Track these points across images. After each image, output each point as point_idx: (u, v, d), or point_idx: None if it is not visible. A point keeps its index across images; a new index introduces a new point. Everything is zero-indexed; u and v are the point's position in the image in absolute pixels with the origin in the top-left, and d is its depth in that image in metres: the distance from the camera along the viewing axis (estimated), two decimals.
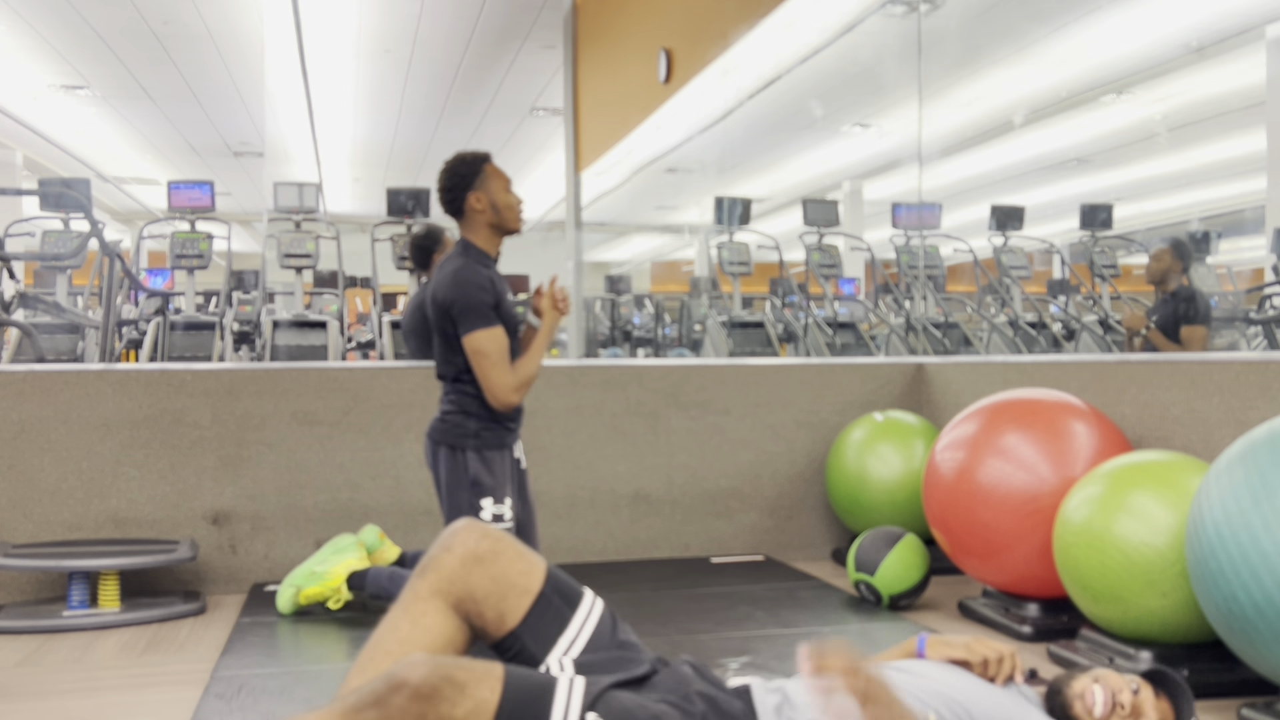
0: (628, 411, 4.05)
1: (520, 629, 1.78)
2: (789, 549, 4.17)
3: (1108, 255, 7.68)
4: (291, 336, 6.68)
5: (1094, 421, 3.04)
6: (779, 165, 12.34)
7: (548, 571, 1.84)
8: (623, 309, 11.96)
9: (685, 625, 3.06)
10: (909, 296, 8.12)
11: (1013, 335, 7.36)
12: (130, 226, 16.27)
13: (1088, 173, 11.77)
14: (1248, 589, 2.09)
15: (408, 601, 1.82)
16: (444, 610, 1.79)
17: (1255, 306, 6.83)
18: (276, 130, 12.07)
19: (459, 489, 2.83)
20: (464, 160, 2.89)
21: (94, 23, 9.01)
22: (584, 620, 1.83)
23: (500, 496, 2.83)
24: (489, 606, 1.78)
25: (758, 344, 7.30)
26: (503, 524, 2.82)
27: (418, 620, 1.78)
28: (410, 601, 1.81)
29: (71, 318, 6.40)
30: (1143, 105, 9.75)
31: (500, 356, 2.80)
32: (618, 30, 8.92)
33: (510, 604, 1.78)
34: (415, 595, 1.81)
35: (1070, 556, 2.64)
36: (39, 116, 11.96)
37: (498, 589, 1.78)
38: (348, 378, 3.81)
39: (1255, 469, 2.16)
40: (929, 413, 4.23)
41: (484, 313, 2.78)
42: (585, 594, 1.89)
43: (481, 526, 1.86)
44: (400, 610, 1.82)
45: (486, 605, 1.78)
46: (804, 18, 7.19)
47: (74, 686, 2.61)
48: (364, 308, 13.37)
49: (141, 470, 3.59)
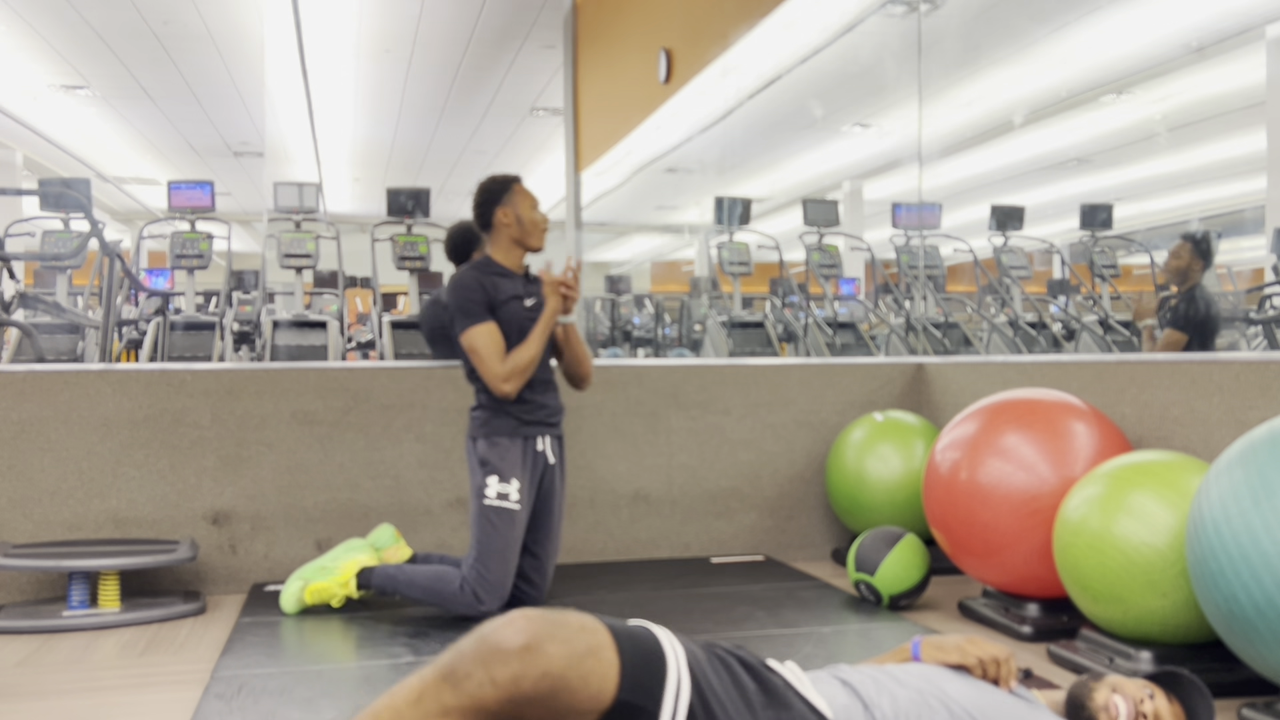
0: (628, 411, 4.05)
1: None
2: (789, 549, 4.17)
3: (1108, 255, 7.68)
4: (291, 336, 6.69)
5: (1094, 421, 3.04)
6: (779, 165, 12.34)
7: (620, 677, 1.44)
8: (623, 309, 11.97)
9: (685, 625, 3.06)
10: (909, 296, 8.12)
11: (1013, 335, 7.36)
12: (130, 226, 16.28)
13: (1088, 173, 11.78)
14: (1248, 589, 2.09)
15: (430, 713, 1.42)
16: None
17: (1255, 306, 6.83)
18: (276, 130, 12.08)
19: (472, 473, 3.09)
20: (496, 180, 3.19)
21: (94, 23, 9.01)
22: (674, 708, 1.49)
23: (506, 476, 3.03)
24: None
25: (758, 344, 7.30)
26: (508, 503, 3.01)
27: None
28: (434, 715, 1.42)
29: (71, 318, 6.40)
30: (1143, 105, 9.75)
31: (490, 351, 3.03)
32: (618, 30, 8.92)
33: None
34: (441, 710, 1.42)
35: (1070, 556, 2.64)
36: (39, 116, 11.96)
37: (556, 716, 1.42)
38: (348, 378, 3.81)
39: (1255, 469, 2.16)
40: (929, 413, 4.23)
41: (471, 310, 3.05)
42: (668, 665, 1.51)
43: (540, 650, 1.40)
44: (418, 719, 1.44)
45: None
46: (804, 18, 7.19)
47: (74, 686, 2.61)
48: (364, 308, 13.38)
49: (141, 470, 3.59)
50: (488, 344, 3.04)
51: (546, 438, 3.17)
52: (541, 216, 3.19)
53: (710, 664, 1.57)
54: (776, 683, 1.63)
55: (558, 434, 3.24)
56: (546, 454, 3.17)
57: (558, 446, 3.24)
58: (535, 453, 3.13)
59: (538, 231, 3.17)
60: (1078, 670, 2.61)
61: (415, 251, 7.22)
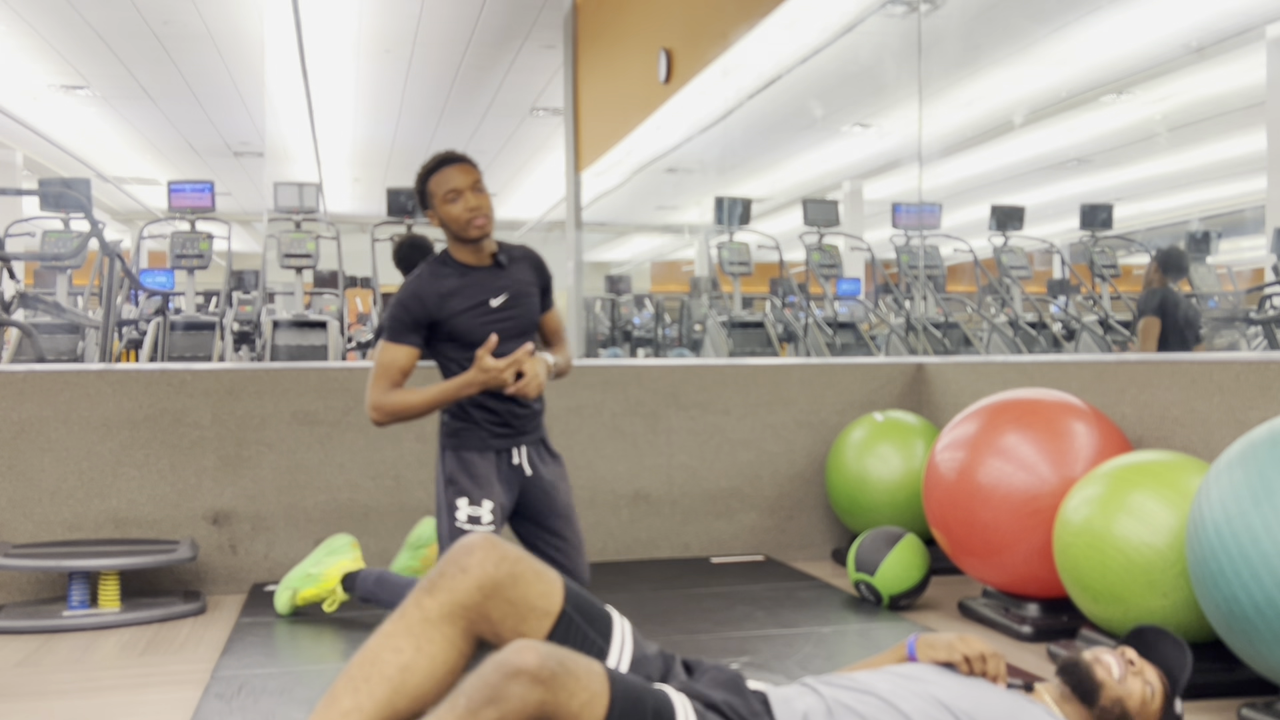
0: (628, 411, 4.05)
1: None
2: (789, 549, 4.17)
3: (1108, 255, 7.68)
4: (291, 336, 6.69)
5: (1094, 421, 3.04)
6: (779, 165, 12.34)
7: (565, 591, 1.74)
8: (623, 309, 11.97)
9: (685, 625, 3.06)
10: (909, 296, 8.12)
11: (1013, 335, 7.36)
12: (130, 226, 16.28)
13: (1088, 173, 11.78)
14: (1248, 589, 2.09)
15: (413, 622, 1.68)
16: (454, 636, 1.69)
17: (1255, 306, 6.83)
18: (276, 130, 12.08)
19: (438, 486, 2.80)
20: (417, 177, 2.76)
21: (94, 23, 9.01)
22: (622, 643, 1.76)
23: (477, 498, 2.72)
24: (506, 629, 1.69)
25: (758, 344, 7.30)
26: (481, 526, 2.72)
27: (423, 646, 1.67)
28: (417, 623, 1.68)
29: (71, 318, 6.40)
30: (1143, 105, 9.75)
31: (380, 370, 2.69)
32: (618, 30, 8.92)
33: (529, 626, 1.69)
34: (424, 616, 1.68)
35: (1070, 556, 2.64)
36: (39, 116, 11.96)
37: (515, 612, 1.69)
38: (348, 378, 3.81)
39: (1255, 469, 2.16)
40: (929, 413, 4.23)
41: (391, 326, 2.72)
42: (612, 614, 1.80)
43: (499, 546, 1.71)
44: (404, 630, 1.68)
45: (504, 628, 1.69)
46: (804, 18, 7.20)
47: (74, 686, 2.61)
48: (364, 308, 13.37)
49: (141, 470, 3.59)
50: (384, 365, 2.69)
51: (523, 448, 2.83)
52: (459, 209, 2.67)
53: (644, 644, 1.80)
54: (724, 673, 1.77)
55: (536, 439, 2.88)
56: (524, 467, 2.83)
57: (539, 452, 2.88)
58: (511, 467, 2.81)
59: (459, 224, 2.67)
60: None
61: None
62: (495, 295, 2.75)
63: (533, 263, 2.87)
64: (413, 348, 2.71)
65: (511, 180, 14.98)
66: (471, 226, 2.68)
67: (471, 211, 2.67)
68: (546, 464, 2.90)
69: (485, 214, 2.69)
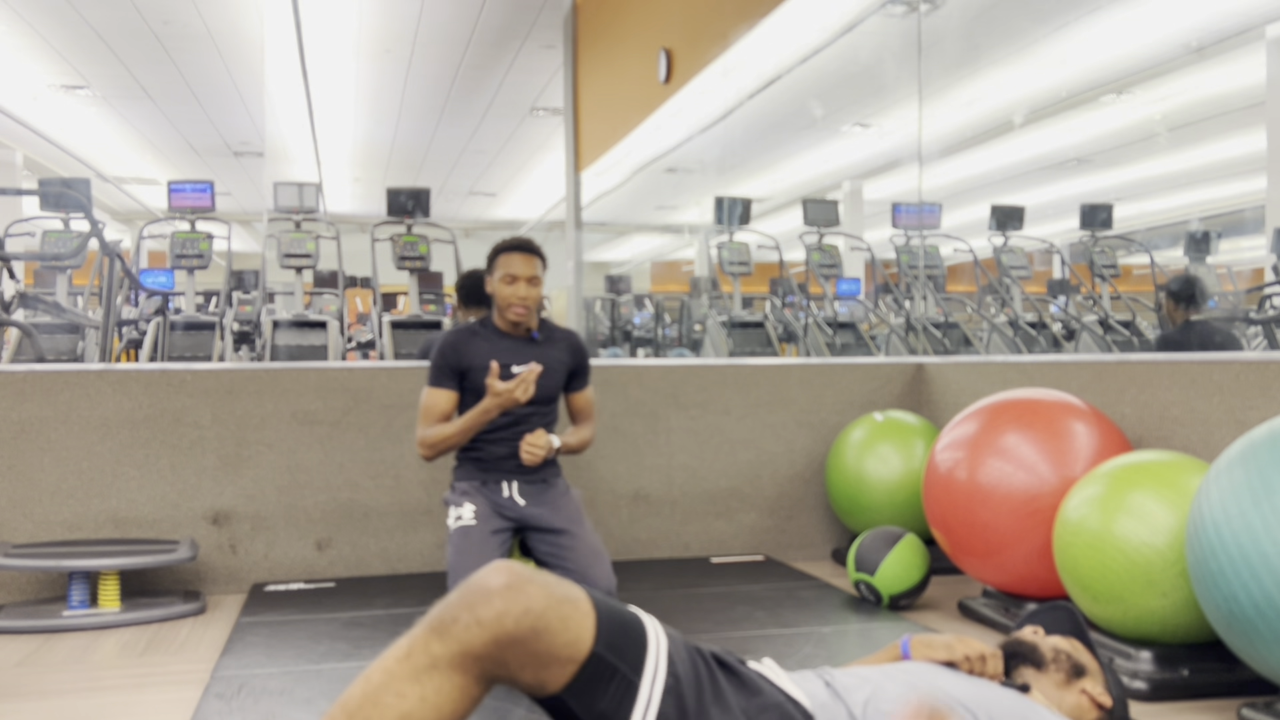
0: (628, 411, 4.05)
1: (565, 694, 1.55)
2: (789, 549, 4.17)
3: (1108, 255, 7.68)
4: (291, 336, 6.69)
5: (1094, 421, 3.04)
6: (779, 165, 12.35)
7: (597, 629, 1.54)
8: (623, 309, 11.98)
9: (685, 625, 3.05)
10: (909, 296, 8.12)
11: (1013, 335, 7.36)
12: (130, 226, 16.28)
13: (1088, 173, 11.79)
14: (1248, 589, 2.09)
15: (420, 667, 1.51)
16: (464, 684, 1.52)
17: (1255, 306, 6.83)
18: (276, 130, 12.08)
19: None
20: (493, 248, 3.12)
21: (94, 23, 9.01)
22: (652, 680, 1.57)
23: (460, 503, 3.06)
24: (527, 674, 1.53)
25: (758, 344, 7.31)
26: (463, 521, 3.02)
27: (428, 696, 1.50)
28: (424, 669, 1.50)
29: (71, 318, 6.41)
30: (1143, 105, 9.75)
31: (423, 412, 3.10)
32: (618, 30, 8.92)
33: (551, 675, 1.53)
34: (432, 664, 1.50)
35: (1070, 556, 2.64)
36: (39, 116, 11.96)
37: (537, 661, 1.52)
38: (348, 378, 3.81)
39: (1255, 469, 2.16)
40: (929, 413, 4.23)
41: (431, 372, 3.11)
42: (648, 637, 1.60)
43: (522, 596, 1.50)
44: (409, 674, 1.51)
45: (523, 674, 1.53)
46: (804, 18, 7.20)
47: (74, 686, 2.61)
48: (364, 308, 13.38)
49: (141, 470, 3.59)
50: (426, 406, 3.10)
51: (514, 483, 3.10)
52: (516, 293, 3.03)
53: (686, 650, 1.65)
54: (749, 674, 1.70)
55: (536, 479, 3.12)
56: (515, 498, 3.09)
57: (534, 489, 3.11)
58: (501, 498, 3.08)
59: (506, 305, 3.06)
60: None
61: (415, 251, 7.22)
62: (520, 363, 3.07)
63: (571, 345, 3.21)
64: (450, 390, 3.10)
65: (511, 180, 14.98)
66: (512, 310, 3.06)
67: (519, 300, 3.04)
68: (545, 494, 3.13)
69: (528, 306, 3.06)
